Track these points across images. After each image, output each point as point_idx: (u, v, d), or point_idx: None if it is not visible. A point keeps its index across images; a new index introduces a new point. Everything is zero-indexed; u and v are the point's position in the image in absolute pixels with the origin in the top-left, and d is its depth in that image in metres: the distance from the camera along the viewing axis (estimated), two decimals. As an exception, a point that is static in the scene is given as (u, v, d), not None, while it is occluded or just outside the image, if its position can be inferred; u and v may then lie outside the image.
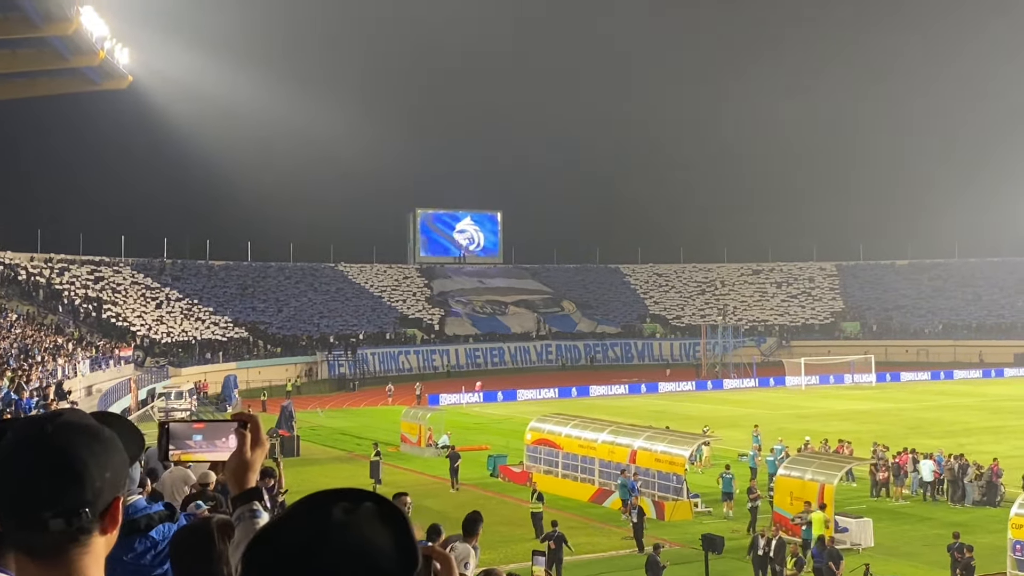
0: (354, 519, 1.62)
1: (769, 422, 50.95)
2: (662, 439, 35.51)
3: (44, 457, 1.85)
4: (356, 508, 1.64)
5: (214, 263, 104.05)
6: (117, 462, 1.95)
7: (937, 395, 70.45)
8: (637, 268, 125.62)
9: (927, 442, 42.99)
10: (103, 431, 1.95)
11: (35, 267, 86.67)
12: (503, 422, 57.79)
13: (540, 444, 39.47)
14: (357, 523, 1.61)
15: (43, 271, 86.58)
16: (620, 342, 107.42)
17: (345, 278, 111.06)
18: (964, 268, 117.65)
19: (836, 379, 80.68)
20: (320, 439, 52.06)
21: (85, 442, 1.90)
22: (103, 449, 1.92)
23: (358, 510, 1.63)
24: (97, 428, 1.95)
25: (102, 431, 1.95)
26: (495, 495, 36.23)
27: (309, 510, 1.64)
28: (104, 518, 1.92)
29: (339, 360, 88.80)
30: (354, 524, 1.61)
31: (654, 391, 76.58)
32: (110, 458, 1.93)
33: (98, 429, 1.94)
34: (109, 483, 1.91)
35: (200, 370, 75.69)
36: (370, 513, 1.63)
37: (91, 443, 1.90)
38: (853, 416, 58.51)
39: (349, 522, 1.61)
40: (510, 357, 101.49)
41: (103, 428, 1.96)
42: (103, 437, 1.94)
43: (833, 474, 29.70)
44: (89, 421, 1.97)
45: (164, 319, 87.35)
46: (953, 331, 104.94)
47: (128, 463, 2.03)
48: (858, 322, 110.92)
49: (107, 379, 56.01)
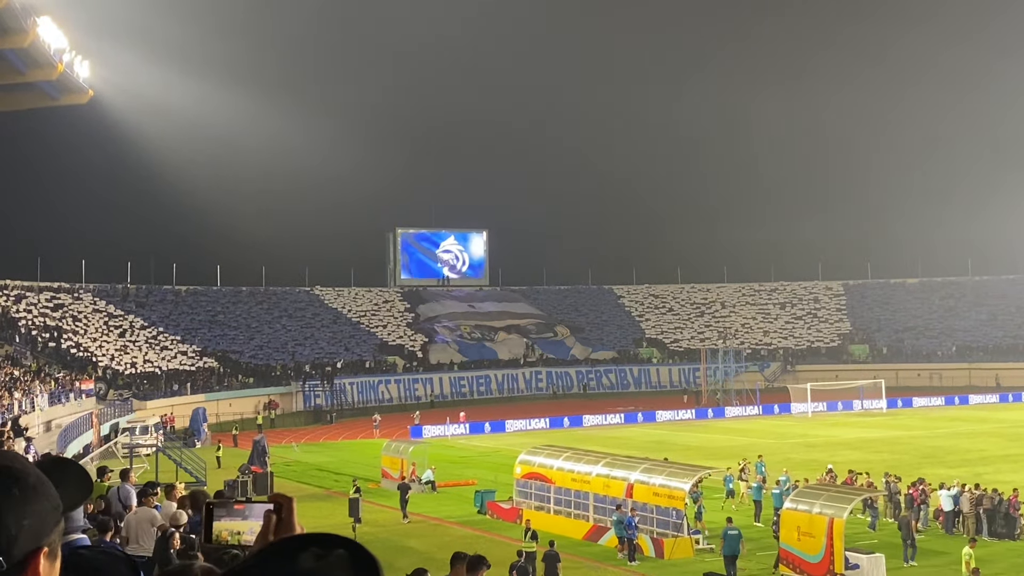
0: (324, 566, 1.60)
1: (774, 452, 50.93)
2: (660, 471, 35.42)
3: None
4: (327, 554, 1.63)
5: (181, 288, 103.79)
6: (41, 510, 1.93)
7: (952, 421, 70.53)
8: (632, 289, 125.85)
9: (942, 471, 43.02)
10: (28, 476, 1.93)
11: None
12: (491, 455, 57.64)
13: (531, 478, 39.36)
14: (327, 571, 1.59)
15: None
16: (615, 368, 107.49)
17: (321, 303, 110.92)
18: (978, 286, 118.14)
19: (844, 406, 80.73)
20: (295, 475, 51.83)
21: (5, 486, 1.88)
22: (24, 496, 1.90)
23: (328, 557, 1.61)
24: (21, 472, 1.93)
25: (27, 476, 1.93)
26: (483, 533, 36.08)
27: (276, 557, 1.62)
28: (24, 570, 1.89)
29: (315, 390, 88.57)
30: (323, 572, 1.59)
31: (651, 420, 76.52)
32: (31, 505, 1.91)
33: (22, 473, 1.93)
34: (27, 531, 1.88)
35: (167, 403, 75.31)
36: (342, 560, 1.61)
37: (10, 487, 1.89)
38: (863, 445, 58.53)
39: (318, 569, 1.59)
40: (497, 386, 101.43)
41: (30, 473, 1.94)
42: (27, 483, 1.92)
43: (843, 507, 29.65)
44: (15, 464, 1.95)
45: (128, 349, 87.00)
46: (968, 353, 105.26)
47: (59, 510, 2.00)
48: (867, 345, 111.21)
49: (67, 413, 55.72)
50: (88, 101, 58.26)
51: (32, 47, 47.71)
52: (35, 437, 39.98)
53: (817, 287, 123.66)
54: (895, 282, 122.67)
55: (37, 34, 46.98)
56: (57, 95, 55.16)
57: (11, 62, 49.11)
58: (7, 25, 45.45)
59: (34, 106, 58.43)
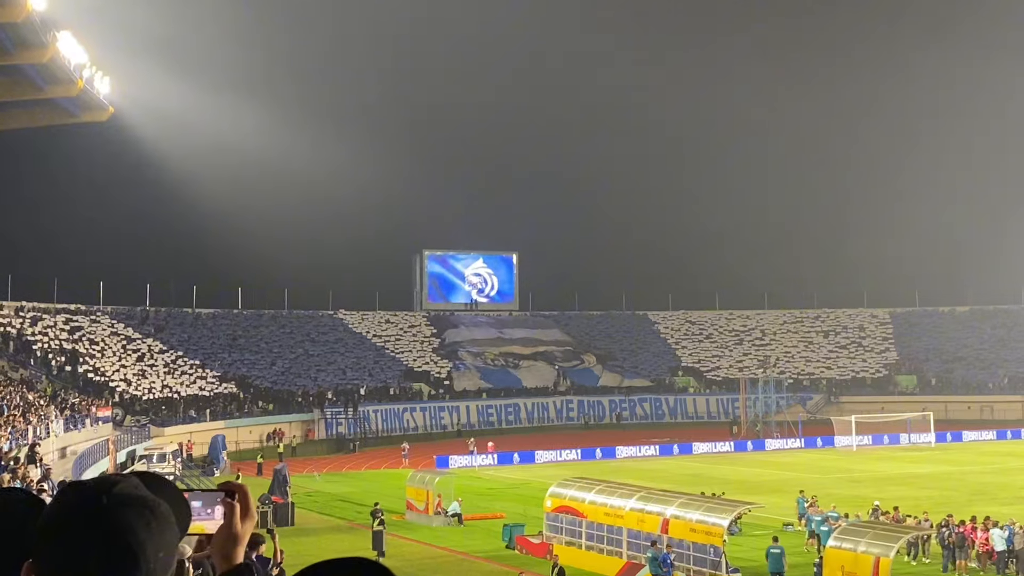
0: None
1: (817, 487, 50.49)
2: (698, 506, 35.18)
3: (100, 534, 1.80)
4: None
5: (201, 311, 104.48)
6: (170, 540, 1.92)
7: (1004, 456, 69.78)
8: (668, 315, 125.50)
9: (994, 509, 42.45)
10: (160, 505, 1.92)
11: (4, 316, 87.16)
12: (520, 487, 57.51)
13: (561, 512, 39.19)
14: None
15: (13, 321, 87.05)
16: (649, 397, 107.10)
17: (345, 327, 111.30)
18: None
19: (891, 439, 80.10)
20: (317, 506, 51.88)
21: (143, 518, 1.86)
22: (159, 526, 1.88)
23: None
24: (154, 502, 1.91)
25: (159, 505, 1.91)
26: (511, 569, 35.93)
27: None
28: None
29: (338, 418, 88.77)
30: None
31: (688, 452, 76.13)
32: (164, 536, 1.89)
33: (155, 503, 1.91)
34: (162, 564, 1.87)
35: (185, 429, 75.71)
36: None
37: (149, 520, 1.86)
38: (910, 480, 57.97)
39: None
40: (526, 415, 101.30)
41: (160, 501, 1.93)
42: (160, 512, 1.90)
43: (890, 545, 29.32)
44: (146, 492, 1.92)
45: (146, 373, 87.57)
46: (1021, 385, 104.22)
47: (179, 538, 1.99)
48: (914, 375, 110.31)
49: (83, 440, 56.04)
50: (108, 118, 58.84)
51: (52, 62, 48.27)
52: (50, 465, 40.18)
53: (862, 315, 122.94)
54: (944, 310, 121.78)
55: (57, 49, 47.49)
56: (77, 112, 55.76)
57: (30, 78, 49.69)
58: (26, 40, 46.00)
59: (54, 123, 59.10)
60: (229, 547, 2.74)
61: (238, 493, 2.78)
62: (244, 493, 2.80)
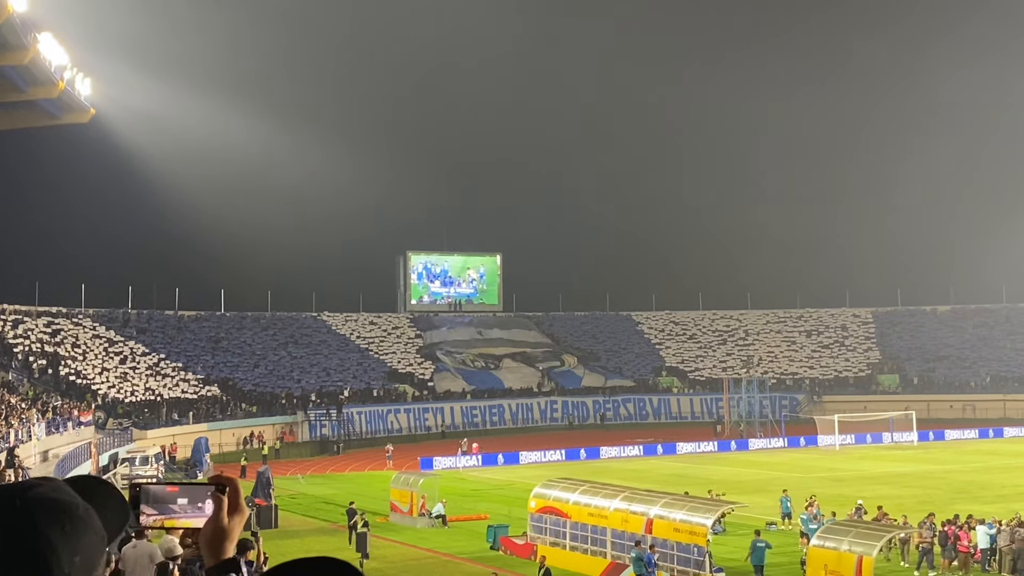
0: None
1: (800, 486, 50.62)
2: (681, 506, 35.24)
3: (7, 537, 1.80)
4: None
5: (183, 314, 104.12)
6: (90, 543, 1.89)
7: (986, 455, 70.13)
8: (651, 316, 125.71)
9: (976, 508, 42.64)
10: (78, 507, 1.89)
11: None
12: (504, 488, 57.51)
13: (545, 512, 39.18)
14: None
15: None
16: (633, 398, 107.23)
17: (328, 329, 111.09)
18: (1013, 314, 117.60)
19: (874, 438, 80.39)
20: (301, 508, 51.77)
21: (56, 520, 1.84)
22: (75, 530, 1.86)
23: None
24: (72, 505, 1.89)
25: (77, 507, 1.89)
26: (496, 570, 35.90)
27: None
28: None
29: (321, 420, 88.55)
30: None
31: (672, 452, 76.24)
32: (82, 539, 1.87)
33: (73, 506, 1.89)
34: (79, 568, 1.85)
35: (167, 432, 75.42)
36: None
37: (63, 523, 1.85)
38: (893, 479, 58.19)
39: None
40: (511, 416, 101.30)
41: (79, 504, 1.90)
42: (76, 516, 1.88)
43: (872, 544, 29.42)
44: (64, 496, 1.90)
45: (128, 376, 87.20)
46: (1002, 384, 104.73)
47: (105, 542, 1.97)
48: (897, 375, 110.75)
49: (64, 443, 55.79)
50: (90, 120, 58.58)
51: (33, 64, 48.03)
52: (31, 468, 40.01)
53: (845, 314, 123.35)
54: (926, 310, 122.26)
55: (38, 51, 47.30)
56: (58, 114, 55.49)
57: (11, 79, 49.43)
58: (7, 41, 45.77)
59: (35, 125, 58.82)
60: (217, 541, 2.70)
61: (228, 487, 2.75)
62: (235, 487, 2.76)
